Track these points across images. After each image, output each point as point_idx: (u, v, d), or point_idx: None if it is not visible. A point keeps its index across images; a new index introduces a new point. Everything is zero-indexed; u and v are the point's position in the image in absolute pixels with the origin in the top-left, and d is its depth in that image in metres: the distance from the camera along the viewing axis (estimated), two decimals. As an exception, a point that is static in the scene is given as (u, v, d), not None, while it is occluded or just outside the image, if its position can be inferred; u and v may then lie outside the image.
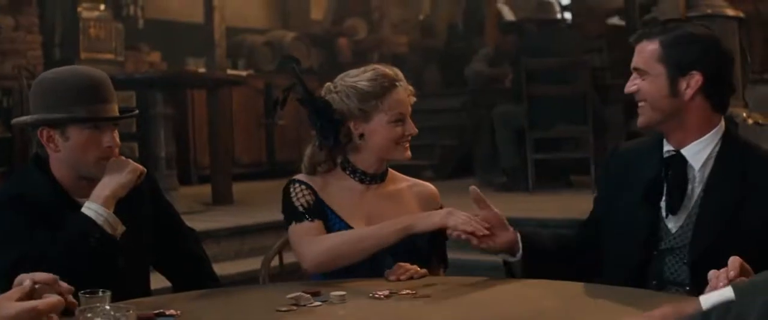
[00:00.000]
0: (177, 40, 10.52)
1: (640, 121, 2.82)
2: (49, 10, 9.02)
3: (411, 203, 3.06)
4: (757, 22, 8.55)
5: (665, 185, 2.78)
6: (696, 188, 2.75)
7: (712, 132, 2.77)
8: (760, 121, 5.74)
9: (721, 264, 2.57)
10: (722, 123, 2.81)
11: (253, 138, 10.24)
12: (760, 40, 8.68)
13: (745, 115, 5.64)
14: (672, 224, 2.76)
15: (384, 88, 2.96)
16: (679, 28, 2.80)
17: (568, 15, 11.18)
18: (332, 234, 2.89)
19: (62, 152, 2.81)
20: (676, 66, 2.74)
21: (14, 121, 3.28)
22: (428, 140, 9.61)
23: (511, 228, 2.85)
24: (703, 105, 2.76)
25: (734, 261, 2.14)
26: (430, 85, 11.80)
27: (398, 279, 2.74)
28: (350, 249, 2.83)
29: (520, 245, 2.82)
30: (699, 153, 2.76)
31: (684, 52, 2.75)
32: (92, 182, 2.84)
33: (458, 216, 2.77)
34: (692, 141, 2.76)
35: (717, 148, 2.76)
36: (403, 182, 3.12)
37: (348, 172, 3.02)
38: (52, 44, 8.97)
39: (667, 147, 2.81)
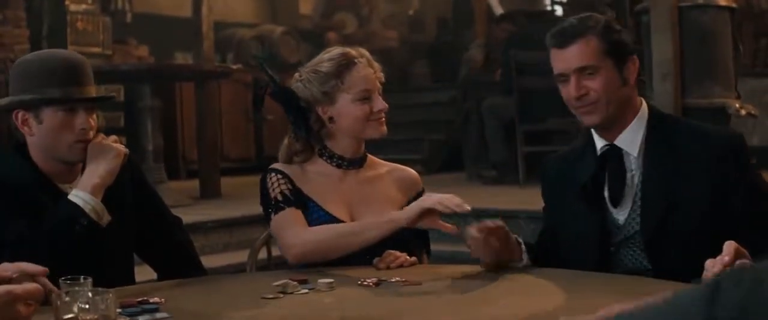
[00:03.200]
0: (165, 34, 10.46)
1: (593, 119, 2.73)
2: (36, 4, 8.95)
3: (391, 188, 3.03)
4: (748, 16, 8.56)
5: (606, 179, 2.77)
6: (634, 175, 2.74)
7: (638, 115, 2.76)
8: (753, 112, 5.71)
9: (675, 240, 2.57)
10: (644, 104, 2.80)
11: (242, 132, 10.19)
12: (751, 34, 8.68)
13: (737, 105, 5.61)
14: (620, 216, 2.75)
15: (342, 66, 2.93)
16: (596, 19, 2.76)
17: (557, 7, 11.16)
18: (318, 227, 2.85)
19: (37, 136, 2.77)
20: (619, 55, 2.73)
21: None
22: (417, 134, 9.58)
23: (516, 240, 2.76)
24: (633, 88, 2.77)
25: (729, 245, 2.11)
26: (419, 79, 11.77)
27: (388, 268, 2.70)
28: (336, 243, 2.79)
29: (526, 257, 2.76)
30: (633, 140, 2.74)
31: (619, 40, 2.74)
32: (73, 166, 2.79)
33: (433, 196, 2.72)
34: (623, 129, 2.74)
35: (645, 131, 2.75)
36: (382, 167, 3.09)
37: (325, 158, 3.00)
38: (39, 38, 8.89)
39: (601, 143, 2.79)
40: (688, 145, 2.69)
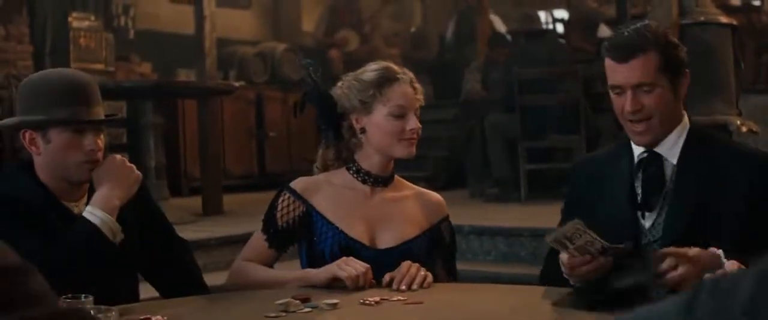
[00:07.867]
0: (168, 51, 10.47)
1: (645, 139, 2.71)
2: (40, 20, 8.97)
3: (415, 211, 3.01)
4: (749, 33, 8.57)
5: (641, 183, 2.74)
6: (670, 182, 2.72)
7: (680, 125, 2.74)
8: (754, 129, 5.72)
9: None
10: (686, 116, 2.78)
11: (244, 149, 10.19)
12: (753, 50, 8.69)
13: (739, 123, 5.62)
14: (646, 221, 2.73)
15: (384, 78, 2.93)
16: (656, 32, 2.70)
17: (558, 25, 11.19)
18: (257, 268, 2.94)
19: (44, 155, 2.77)
20: (674, 71, 2.70)
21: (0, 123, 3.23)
22: (420, 151, 9.47)
23: None
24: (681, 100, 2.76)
25: (731, 264, 2.10)
26: (421, 96, 11.76)
27: (398, 288, 2.66)
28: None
29: None
30: (672, 148, 2.72)
31: (677, 55, 2.71)
32: (79, 186, 2.80)
33: (351, 265, 2.69)
34: (664, 138, 2.72)
35: (685, 141, 2.73)
36: (409, 190, 3.08)
37: (352, 172, 2.99)
38: (42, 54, 8.92)
39: (640, 149, 2.77)
40: (727, 163, 2.67)
